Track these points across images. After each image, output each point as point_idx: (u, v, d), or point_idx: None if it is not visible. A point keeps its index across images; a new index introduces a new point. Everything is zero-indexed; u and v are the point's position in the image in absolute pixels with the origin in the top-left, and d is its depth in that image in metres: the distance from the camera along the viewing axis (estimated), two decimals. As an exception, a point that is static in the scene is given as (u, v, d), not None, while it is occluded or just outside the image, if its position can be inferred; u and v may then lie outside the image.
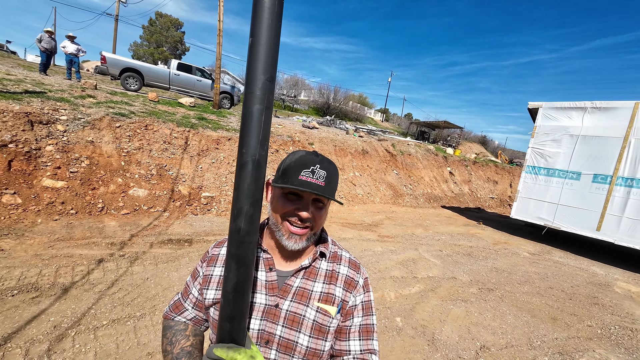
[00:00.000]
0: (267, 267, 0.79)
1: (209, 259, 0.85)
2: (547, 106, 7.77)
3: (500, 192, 16.74)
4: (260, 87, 0.59)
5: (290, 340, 0.74)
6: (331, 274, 0.81)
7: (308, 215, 0.72)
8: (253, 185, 0.61)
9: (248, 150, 0.60)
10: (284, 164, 0.75)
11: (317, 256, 0.82)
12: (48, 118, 5.39)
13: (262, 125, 0.60)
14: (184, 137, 7.07)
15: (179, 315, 0.87)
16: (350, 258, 0.87)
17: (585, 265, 6.19)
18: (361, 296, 0.82)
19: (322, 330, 0.76)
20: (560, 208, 7.42)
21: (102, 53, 9.99)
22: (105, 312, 2.54)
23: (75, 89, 7.52)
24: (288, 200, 0.73)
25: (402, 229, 7.01)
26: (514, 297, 4.04)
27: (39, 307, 2.48)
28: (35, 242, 3.58)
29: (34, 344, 2.09)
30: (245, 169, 0.61)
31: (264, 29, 0.58)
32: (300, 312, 0.76)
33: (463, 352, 2.71)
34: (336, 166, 0.78)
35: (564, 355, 2.84)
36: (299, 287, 0.78)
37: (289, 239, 0.74)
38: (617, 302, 4.36)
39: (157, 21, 32.80)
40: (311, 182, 0.69)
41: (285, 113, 18.96)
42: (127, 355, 2.15)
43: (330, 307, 0.77)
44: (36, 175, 4.66)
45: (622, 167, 6.59)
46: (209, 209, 5.97)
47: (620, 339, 3.29)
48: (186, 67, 11.47)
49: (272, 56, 0.60)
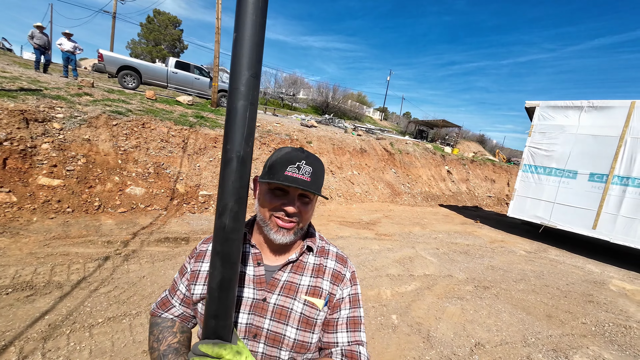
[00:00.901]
0: (255, 261, 0.80)
1: (196, 255, 0.85)
2: (544, 105, 7.80)
3: (498, 190, 16.80)
4: (244, 83, 0.59)
5: (278, 333, 0.75)
6: (319, 268, 0.83)
7: (294, 210, 0.74)
8: (238, 182, 0.61)
9: (233, 147, 0.59)
10: (270, 160, 0.76)
11: (304, 250, 0.83)
12: (44, 116, 5.36)
13: (246, 121, 0.60)
14: (181, 136, 7.05)
15: (166, 311, 0.87)
16: (337, 252, 0.88)
17: (580, 263, 6.23)
18: (348, 289, 0.83)
19: (310, 322, 0.77)
20: (556, 207, 7.46)
21: (100, 51, 9.93)
22: (101, 310, 2.54)
23: (72, 87, 7.48)
24: (275, 196, 0.75)
25: (399, 227, 7.02)
26: (510, 295, 4.06)
27: (33, 305, 2.48)
28: (31, 240, 3.57)
29: (28, 342, 2.09)
30: (229, 166, 0.60)
31: (248, 24, 0.58)
32: (288, 305, 0.77)
33: (458, 349, 2.73)
34: (322, 163, 0.79)
35: (558, 352, 2.86)
36: (287, 281, 0.79)
37: (277, 232, 0.75)
38: (612, 299, 4.39)
39: (155, 19, 32.61)
40: (297, 178, 0.71)
41: (284, 111, 18.93)
42: (123, 352, 2.15)
43: (317, 299, 0.78)
44: (32, 173, 4.64)
45: (618, 166, 6.62)
46: (206, 207, 5.97)
47: (614, 336, 3.31)
48: (184, 65, 11.43)
49: (257, 52, 0.59)
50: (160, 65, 11.62)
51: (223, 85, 11.74)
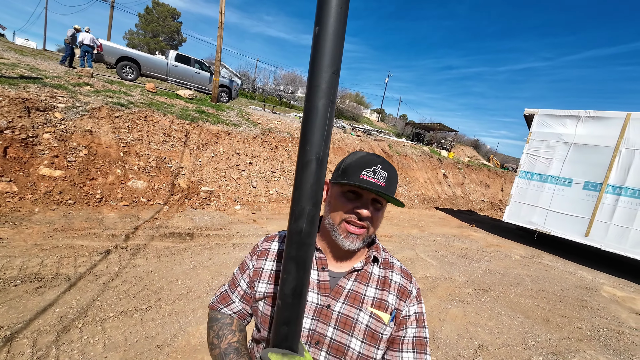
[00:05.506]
0: (320, 266, 0.79)
1: (259, 253, 0.86)
2: (542, 113, 7.96)
3: (492, 195, 17.07)
4: (326, 81, 0.55)
5: (341, 343, 0.73)
6: (384, 280, 0.81)
7: (368, 214, 0.72)
8: (316, 185, 0.58)
9: (312, 148, 0.56)
10: (345, 163, 0.75)
11: (369, 260, 0.81)
12: (45, 105, 5.26)
13: (327, 121, 0.57)
14: (183, 130, 6.99)
15: (226, 307, 0.87)
16: (401, 267, 0.86)
17: (573, 269, 6.40)
18: (415, 307, 0.81)
19: (375, 337, 0.74)
20: (551, 213, 7.63)
21: (99, 40, 9.77)
22: (111, 304, 2.53)
23: (72, 76, 7.35)
24: (348, 199, 0.74)
25: (398, 229, 7.10)
26: (508, 299, 4.16)
27: (43, 297, 2.46)
28: (34, 231, 3.52)
29: (41, 335, 2.08)
30: (308, 168, 0.57)
31: (331, 17, 0.54)
32: (353, 315, 0.75)
33: (462, 350, 2.80)
34: (396, 170, 0.78)
35: (557, 356, 2.95)
36: (352, 290, 0.78)
37: (346, 238, 0.73)
38: (604, 305, 4.54)
39: (154, 10, 32.09)
40: (372, 182, 0.70)
41: (282, 109, 18.86)
42: (136, 347, 2.15)
43: (384, 314, 0.76)
44: (33, 163, 4.55)
45: (612, 175, 6.81)
46: (208, 203, 5.94)
47: (608, 340, 3.43)
48: (184, 58, 11.29)
49: (339, 47, 0.56)
50: (160, 57, 11.45)
51: (223, 80, 11.65)
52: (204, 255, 3.80)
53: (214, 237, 4.43)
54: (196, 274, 3.30)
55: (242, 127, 8.52)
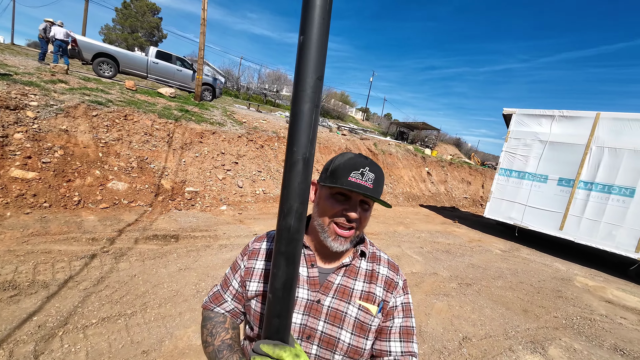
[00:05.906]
0: (309, 263, 0.81)
1: (250, 253, 0.88)
2: (520, 113, 8.29)
3: (473, 192, 17.62)
4: (311, 86, 0.59)
5: (332, 336, 0.76)
6: (371, 274, 0.84)
7: (356, 216, 0.74)
8: (303, 183, 0.61)
9: (299, 149, 0.60)
10: (333, 165, 0.77)
11: (357, 255, 0.84)
12: (16, 103, 4.99)
13: (312, 123, 0.60)
14: (166, 130, 6.81)
15: (219, 306, 0.88)
16: (388, 259, 0.90)
17: (549, 261, 6.72)
18: (401, 298, 0.84)
19: (364, 328, 0.78)
20: (528, 209, 7.98)
21: (73, 34, 9.34)
22: (94, 311, 2.44)
23: (44, 73, 7.00)
24: (336, 201, 0.76)
25: (384, 226, 7.22)
26: (490, 292, 4.33)
27: (19, 306, 2.34)
28: (7, 236, 3.34)
29: (17, 345, 1.98)
30: (295, 168, 0.60)
31: (315, 27, 0.57)
32: (342, 308, 0.78)
33: (448, 342, 2.89)
34: (383, 171, 0.82)
35: (536, 344, 3.10)
36: (340, 285, 0.80)
37: (335, 240, 0.76)
38: (578, 295, 4.80)
39: (132, 4, 30.93)
40: (360, 184, 0.72)
41: (267, 108, 18.68)
42: (121, 353, 2.09)
43: (372, 305, 0.80)
44: (3, 165, 4.31)
45: (583, 171, 7.19)
46: (192, 204, 5.82)
47: (581, 328, 3.64)
48: (166, 55, 10.96)
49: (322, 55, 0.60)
50: (140, 54, 11.06)
51: (206, 78, 11.41)
52: (190, 257, 3.73)
53: (200, 239, 4.35)
54: (182, 276, 3.24)
55: (227, 126, 8.39)
